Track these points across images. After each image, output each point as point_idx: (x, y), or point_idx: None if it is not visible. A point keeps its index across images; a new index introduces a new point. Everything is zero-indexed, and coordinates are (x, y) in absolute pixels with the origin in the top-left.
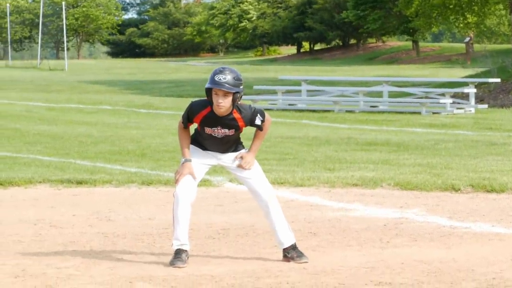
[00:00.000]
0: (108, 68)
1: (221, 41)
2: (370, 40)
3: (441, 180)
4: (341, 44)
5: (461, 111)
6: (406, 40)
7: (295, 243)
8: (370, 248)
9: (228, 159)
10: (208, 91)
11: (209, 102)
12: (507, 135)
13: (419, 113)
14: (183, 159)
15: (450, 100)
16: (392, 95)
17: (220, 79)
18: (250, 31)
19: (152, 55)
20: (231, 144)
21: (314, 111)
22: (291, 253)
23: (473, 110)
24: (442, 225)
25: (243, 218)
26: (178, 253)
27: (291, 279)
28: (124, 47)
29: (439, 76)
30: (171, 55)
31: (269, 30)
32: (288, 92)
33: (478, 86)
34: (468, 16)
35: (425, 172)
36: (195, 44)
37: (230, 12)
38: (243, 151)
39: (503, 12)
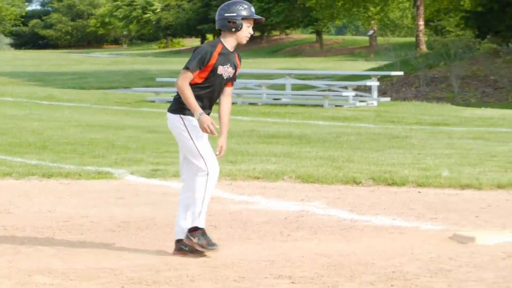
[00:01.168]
0: (10, 60)
1: (124, 33)
2: (274, 32)
3: (342, 173)
4: None
5: (364, 104)
6: (310, 33)
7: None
8: (271, 241)
9: None
10: (236, 23)
11: (218, 41)
12: (409, 128)
13: (321, 106)
14: (199, 113)
15: (353, 93)
16: (295, 87)
17: (253, 9)
18: (154, 23)
19: (55, 46)
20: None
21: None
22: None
23: (375, 103)
24: (342, 218)
25: (144, 211)
26: (206, 233)
27: (190, 272)
28: (27, 39)
29: (342, 69)
30: (75, 47)
31: (173, 22)
32: None
33: (380, 79)
34: (370, 8)
35: (327, 165)
36: (98, 36)
37: (134, 4)
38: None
39: (406, 5)
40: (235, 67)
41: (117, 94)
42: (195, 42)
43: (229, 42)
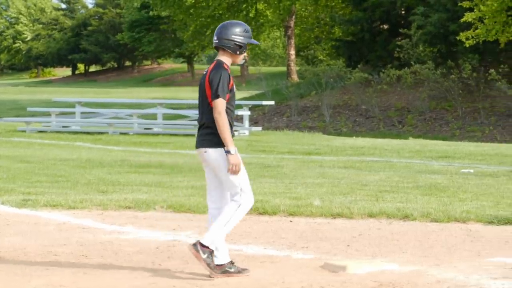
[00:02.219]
0: None
1: None
2: (145, 62)
3: None
4: (116, 66)
5: (235, 133)
6: (182, 62)
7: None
8: (142, 271)
9: None
10: (241, 46)
11: (221, 62)
12: (280, 158)
13: (193, 135)
14: (235, 149)
15: None
16: (166, 117)
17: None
18: (25, 52)
19: None
20: None
21: (88, 133)
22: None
23: (247, 132)
24: None
25: (15, 241)
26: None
27: None
28: None
29: None
30: None
31: (43, 52)
32: (62, 114)
33: (252, 108)
34: None
35: (198, 194)
36: None
37: (4, 34)
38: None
39: (278, 34)
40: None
41: None
42: (66, 71)
43: (228, 60)
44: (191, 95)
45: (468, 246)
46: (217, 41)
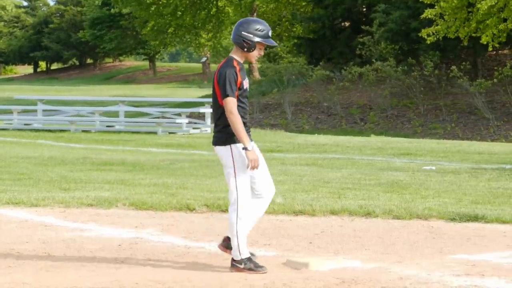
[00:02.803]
0: None
1: None
2: (107, 59)
3: (176, 200)
4: (78, 63)
5: (197, 131)
6: (143, 59)
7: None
8: (105, 268)
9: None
10: (253, 44)
11: (232, 58)
12: None
13: (155, 133)
14: (250, 146)
15: (186, 120)
16: (128, 115)
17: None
18: None
19: None
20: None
21: (50, 131)
22: None
23: (209, 129)
24: (176, 245)
25: None
26: (251, 258)
27: None
28: None
29: (176, 96)
30: None
31: (5, 50)
32: (24, 112)
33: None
34: (203, 35)
35: (160, 192)
36: None
37: None
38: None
39: None
40: (248, 76)
41: None
42: (28, 69)
43: (239, 56)
44: (152, 92)
45: (430, 243)
46: (232, 36)
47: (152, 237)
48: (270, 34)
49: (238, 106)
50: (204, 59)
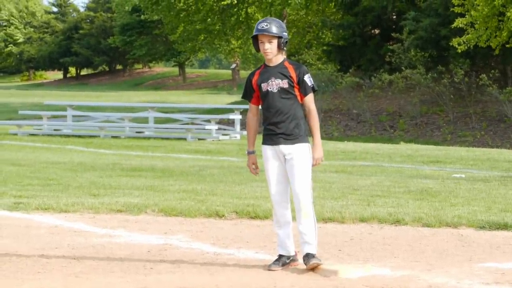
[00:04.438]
0: None
1: None
2: (137, 65)
3: (205, 206)
4: (107, 69)
5: (227, 137)
6: (173, 66)
7: (312, 254)
8: (134, 275)
9: (289, 151)
10: (256, 43)
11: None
12: None
13: (184, 139)
14: (248, 150)
15: (216, 127)
16: (158, 121)
17: (262, 27)
18: (17, 56)
19: None
20: (290, 118)
21: (80, 136)
22: (306, 260)
23: (238, 136)
24: (205, 252)
25: (7, 244)
26: (279, 259)
27: None
28: None
29: (206, 102)
30: None
31: (35, 55)
32: (54, 117)
33: (243, 112)
34: (232, 41)
35: (190, 198)
36: None
37: None
38: (306, 145)
39: None
40: (285, 77)
41: None
42: (57, 75)
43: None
44: (182, 98)
45: (459, 251)
46: None
47: (181, 243)
48: (259, 26)
49: (263, 108)
50: (233, 65)
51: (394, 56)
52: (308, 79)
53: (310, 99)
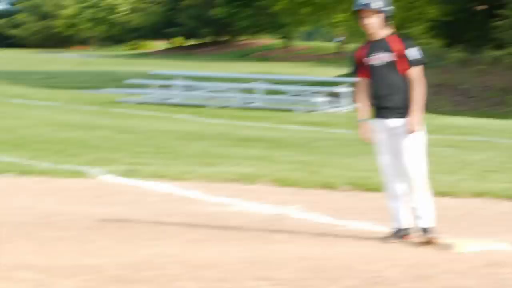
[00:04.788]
0: None
1: (92, 34)
2: (242, 37)
3: (318, 177)
4: (213, 40)
5: (335, 109)
6: (278, 38)
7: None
8: (250, 243)
9: (398, 124)
10: (357, 18)
11: None
12: None
13: (292, 110)
14: (358, 119)
15: (324, 99)
16: (265, 92)
17: (361, 2)
18: (121, 25)
19: (22, 46)
20: (396, 91)
21: (187, 105)
22: (420, 234)
23: (346, 109)
24: (320, 223)
25: (121, 210)
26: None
27: (171, 272)
28: None
29: (313, 74)
30: (42, 47)
31: (140, 25)
32: (161, 86)
33: (351, 85)
34: (338, 15)
35: (302, 170)
36: (66, 37)
37: (101, 5)
38: None
39: None
40: (388, 50)
41: (87, 94)
42: (163, 44)
43: None
44: (289, 70)
45: None
46: None
47: (295, 214)
48: (358, 2)
49: (370, 82)
50: (340, 39)
51: (500, 33)
52: (413, 52)
53: (415, 72)
